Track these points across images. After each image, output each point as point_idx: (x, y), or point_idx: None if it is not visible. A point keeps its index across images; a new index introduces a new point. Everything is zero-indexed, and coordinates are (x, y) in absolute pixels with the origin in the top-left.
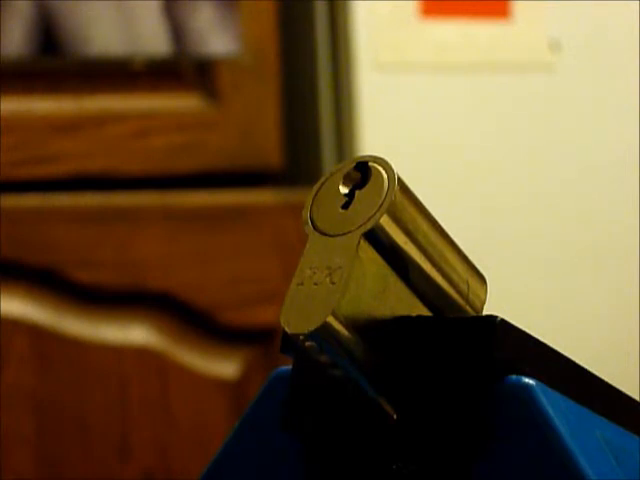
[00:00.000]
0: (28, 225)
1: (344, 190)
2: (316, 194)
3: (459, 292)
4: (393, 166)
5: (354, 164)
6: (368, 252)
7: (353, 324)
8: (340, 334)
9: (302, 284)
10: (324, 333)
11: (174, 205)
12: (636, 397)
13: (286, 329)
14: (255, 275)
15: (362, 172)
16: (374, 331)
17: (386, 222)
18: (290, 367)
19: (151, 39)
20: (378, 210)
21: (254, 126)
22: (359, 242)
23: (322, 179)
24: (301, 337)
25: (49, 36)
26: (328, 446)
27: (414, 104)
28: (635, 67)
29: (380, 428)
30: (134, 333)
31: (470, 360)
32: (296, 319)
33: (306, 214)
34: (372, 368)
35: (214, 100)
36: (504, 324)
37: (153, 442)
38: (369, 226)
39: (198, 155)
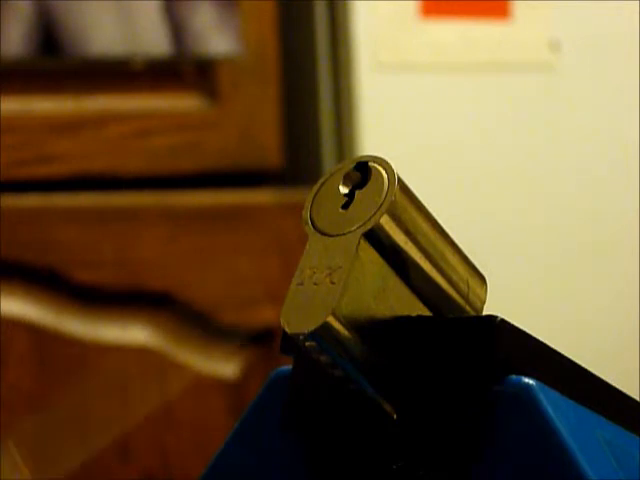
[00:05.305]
0: (28, 225)
1: (344, 190)
2: (316, 194)
3: (459, 292)
4: (393, 166)
5: (354, 164)
6: (368, 252)
7: (353, 324)
8: (340, 334)
9: (302, 284)
10: (324, 333)
11: (174, 205)
12: (636, 397)
13: (286, 329)
14: (255, 275)
15: (362, 172)
16: (374, 331)
17: (386, 222)
18: (290, 367)
19: (151, 39)
20: (378, 210)
21: (254, 126)
22: (359, 242)
23: (322, 179)
24: (301, 337)
25: (49, 36)
26: (328, 446)
27: (414, 104)
28: (635, 67)
29: (380, 428)
30: (134, 333)
31: (470, 360)
32: (296, 319)
33: (306, 214)
34: (372, 368)
35: (214, 100)
36: (504, 324)
37: (153, 442)
38: (369, 226)
39: (198, 155)
